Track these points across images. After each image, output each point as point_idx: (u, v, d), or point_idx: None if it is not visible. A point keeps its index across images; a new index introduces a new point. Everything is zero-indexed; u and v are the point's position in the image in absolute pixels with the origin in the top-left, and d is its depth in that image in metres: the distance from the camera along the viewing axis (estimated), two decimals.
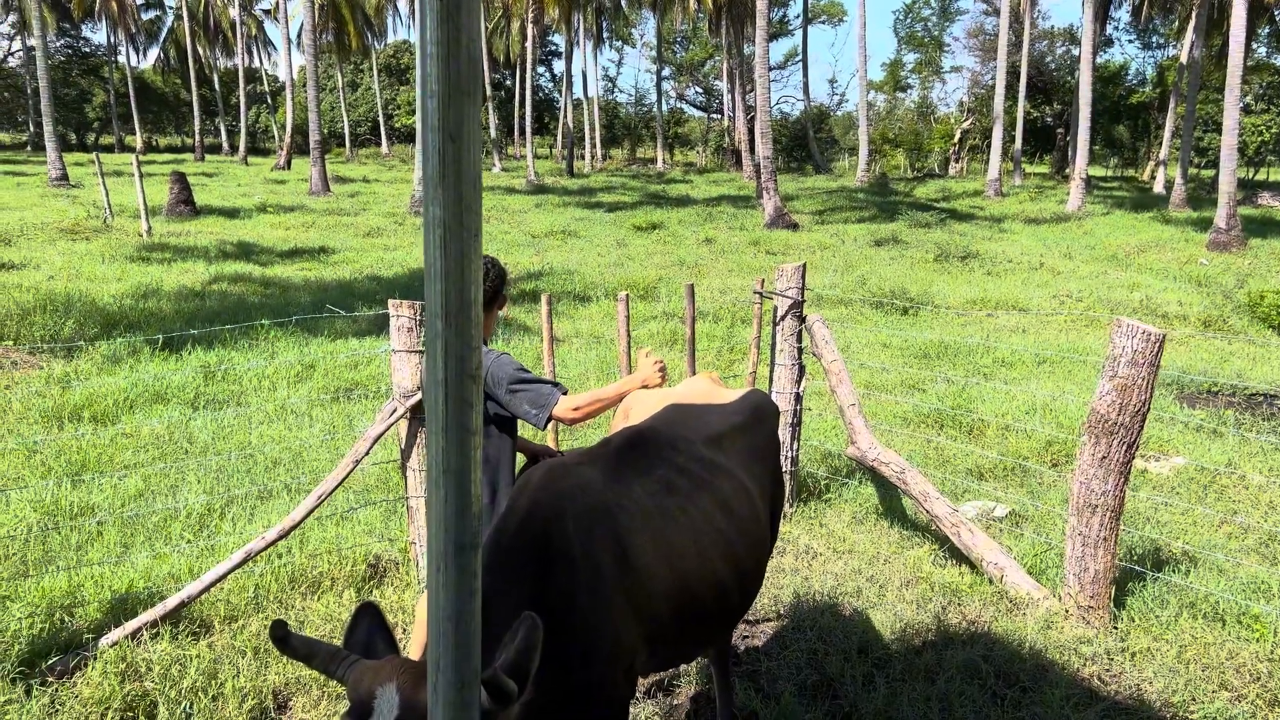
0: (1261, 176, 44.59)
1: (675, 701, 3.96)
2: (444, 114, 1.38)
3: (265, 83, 65.99)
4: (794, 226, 22.68)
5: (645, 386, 3.47)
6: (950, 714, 3.71)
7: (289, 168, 40.40)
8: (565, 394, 3.35)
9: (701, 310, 11.74)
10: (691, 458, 2.94)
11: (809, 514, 5.85)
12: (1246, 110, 38.92)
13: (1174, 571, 4.91)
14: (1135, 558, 5.07)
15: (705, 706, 3.89)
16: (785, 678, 4.05)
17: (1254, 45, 33.10)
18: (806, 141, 49.73)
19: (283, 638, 1.92)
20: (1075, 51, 44.60)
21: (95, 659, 3.84)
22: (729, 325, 11.21)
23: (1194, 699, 3.86)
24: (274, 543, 4.36)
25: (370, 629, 2.14)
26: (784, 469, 5.85)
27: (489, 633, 2.04)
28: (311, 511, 4.47)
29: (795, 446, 5.95)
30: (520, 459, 3.81)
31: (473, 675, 1.56)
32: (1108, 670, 4.10)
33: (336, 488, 4.52)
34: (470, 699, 1.56)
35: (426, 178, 1.41)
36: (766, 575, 5.00)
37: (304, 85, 32.87)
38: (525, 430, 5.18)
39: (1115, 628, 4.40)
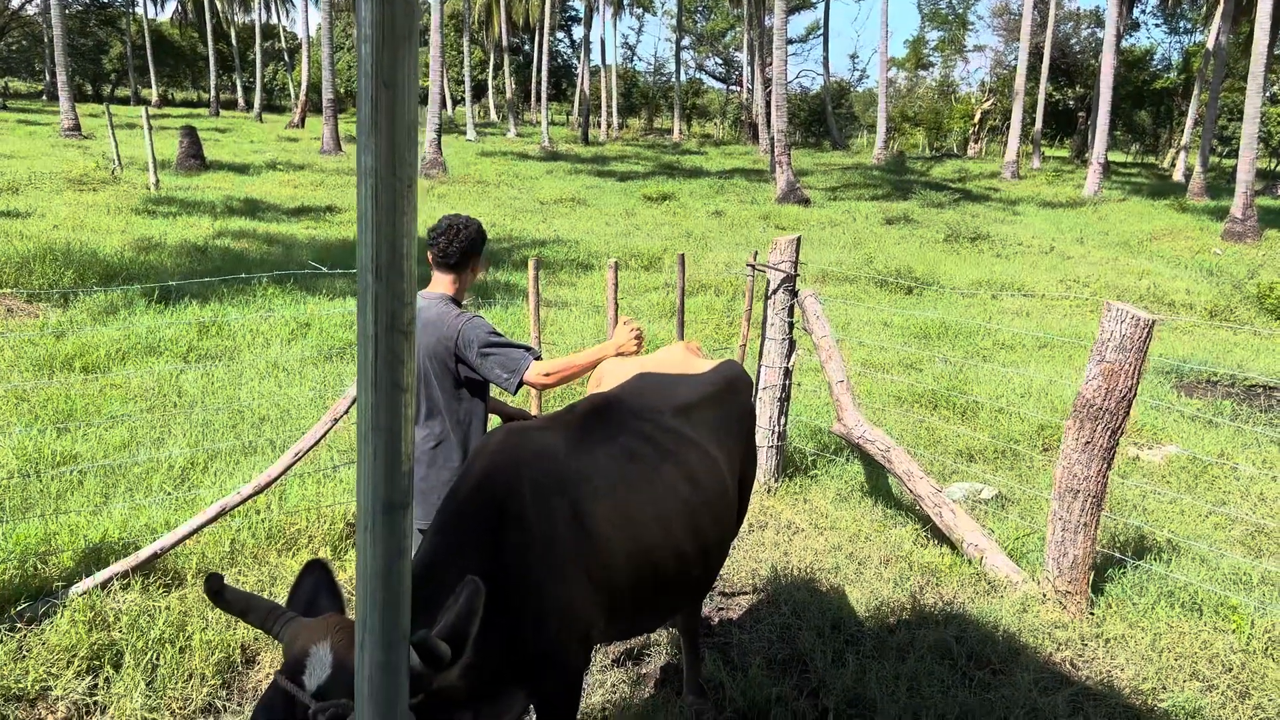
0: None
1: (644, 670, 3.96)
2: (379, 59, 1.33)
3: (283, 39, 65.58)
4: (805, 202, 22.50)
5: (620, 354, 3.42)
6: (918, 693, 3.69)
7: (303, 126, 40.24)
8: (538, 359, 3.31)
9: (704, 283, 11.67)
10: (658, 427, 2.90)
11: (794, 489, 5.82)
12: (1271, 100, 38.30)
13: (1156, 560, 4.87)
14: (1118, 544, 5.03)
15: (674, 676, 3.88)
16: (755, 651, 4.04)
17: None
18: (825, 117, 49.24)
19: (217, 590, 1.90)
20: (1100, 34, 43.90)
21: (64, 607, 3.84)
22: (729, 298, 11.15)
23: (1164, 687, 3.83)
24: (249, 498, 4.35)
25: (316, 586, 2.12)
26: (770, 444, 5.82)
27: (438, 596, 2.02)
28: (289, 468, 4.46)
29: (783, 421, 5.91)
30: (494, 421, 3.77)
31: (400, 636, 1.53)
32: (1080, 655, 4.07)
33: (314, 445, 4.51)
34: (397, 660, 1.53)
35: (360, 125, 1.36)
36: (745, 548, 5.00)
37: (321, 43, 32.63)
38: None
39: (1092, 614, 4.37)
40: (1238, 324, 11.18)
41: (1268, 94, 23.53)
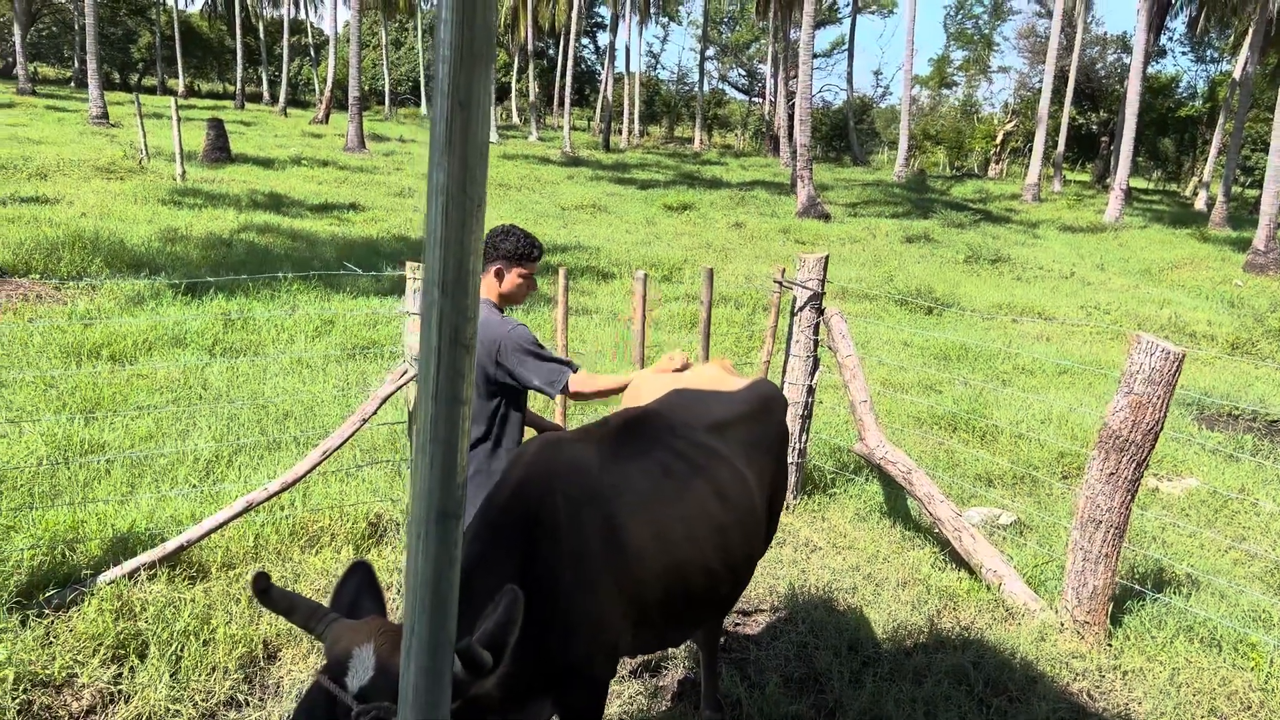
0: None
1: (661, 683, 3.97)
2: (455, 80, 1.36)
3: (310, 35, 65.98)
4: (826, 217, 22.50)
5: None
6: (934, 718, 3.70)
7: (327, 122, 40.46)
8: (576, 371, 3.38)
9: (724, 295, 11.69)
10: (690, 443, 2.92)
11: (812, 507, 5.83)
12: None
13: (1175, 593, 4.86)
14: (1137, 576, 5.02)
15: (691, 690, 3.89)
16: (772, 668, 4.05)
17: None
18: (846, 132, 49.26)
19: (264, 589, 1.92)
20: (1126, 60, 43.86)
21: (92, 595, 3.89)
22: (750, 312, 11.16)
23: None
24: (276, 494, 4.39)
25: (359, 588, 2.14)
26: (790, 460, 5.83)
27: (471, 603, 2.04)
28: (315, 466, 4.50)
29: (804, 438, 5.92)
30: (529, 432, 3.81)
31: (446, 641, 1.56)
32: (1097, 687, 4.07)
33: (342, 444, 4.55)
34: (443, 665, 1.56)
35: (433, 143, 1.39)
36: (764, 565, 5.01)
37: (348, 40, 32.85)
38: (536, 405, 5.18)
39: (1110, 645, 4.36)
40: (1259, 358, 11.13)
41: None
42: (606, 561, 2.52)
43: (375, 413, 4.57)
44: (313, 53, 64.05)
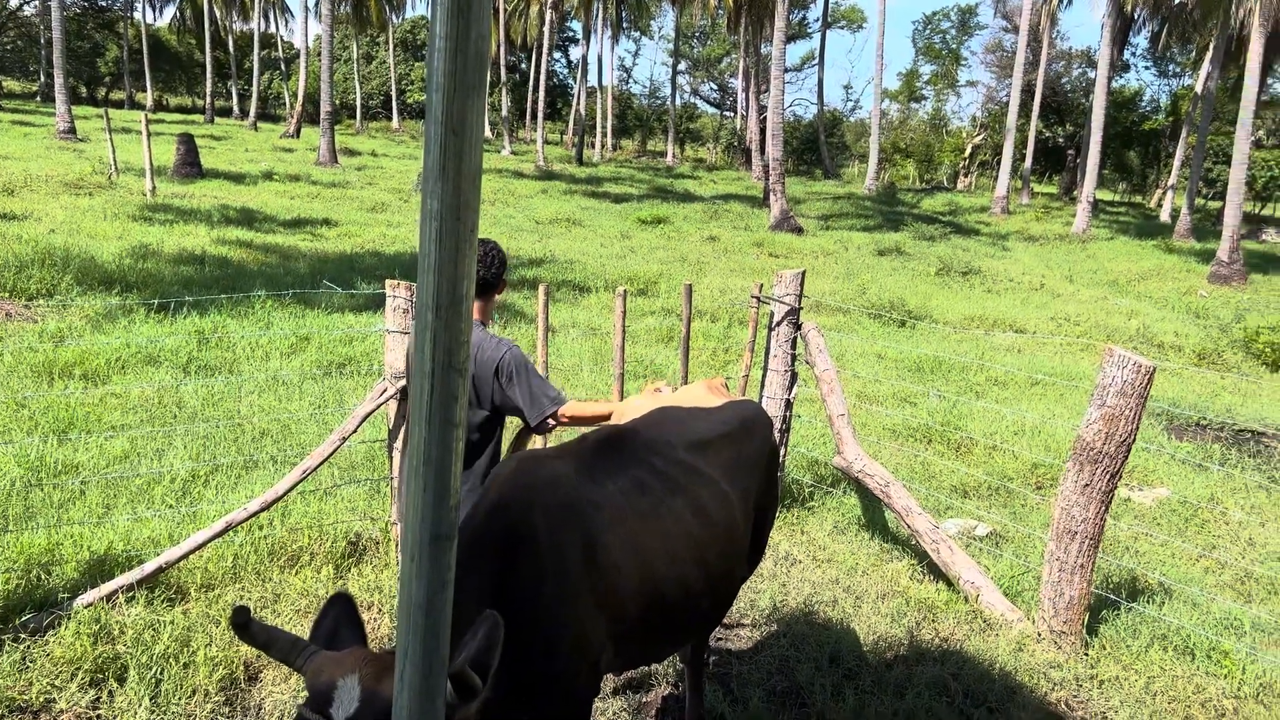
0: (1268, 212, 44.58)
1: (645, 699, 3.98)
2: (448, 107, 1.38)
3: (280, 49, 65.66)
4: (799, 230, 22.67)
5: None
6: None
7: (298, 136, 40.25)
8: (564, 405, 3.39)
9: (700, 309, 11.74)
10: (670, 461, 2.94)
11: (791, 521, 5.87)
12: (1257, 145, 38.94)
13: (1149, 602, 4.93)
14: (1111, 586, 5.09)
15: (674, 706, 3.90)
16: (755, 683, 4.07)
17: (1269, 80, 33.07)
18: (817, 145, 49.68)
19: (243, 624, 1.89)
20: (1091, 74, 44.55)
21: (69, 619, 3.84)
22: (726, 325, 11.22)
23: None
24: (255, 514, 4.37)
25: (338, 619, 2.13)
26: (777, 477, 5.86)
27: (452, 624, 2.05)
28: (295, 485, 4.48)
29: (782, 452, 5.96)
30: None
31: (440, 664, 1.57)
32: (1075, 696, 4.12)
33: (322, 463, 4.53)
34: (436, 687, 1.57)
35: (426, 170, 1.41)
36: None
37: (319, 54, 32.76)
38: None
39: (1086, 654, 4.42)
40: (1225, 368, 11.33)
41: (1254, 139, 23.94)
42: (586, 578, 2.53)
43: (355, 431, 4.56)
44: (283, 66, 63.74)
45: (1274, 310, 16.36)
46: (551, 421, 3.36)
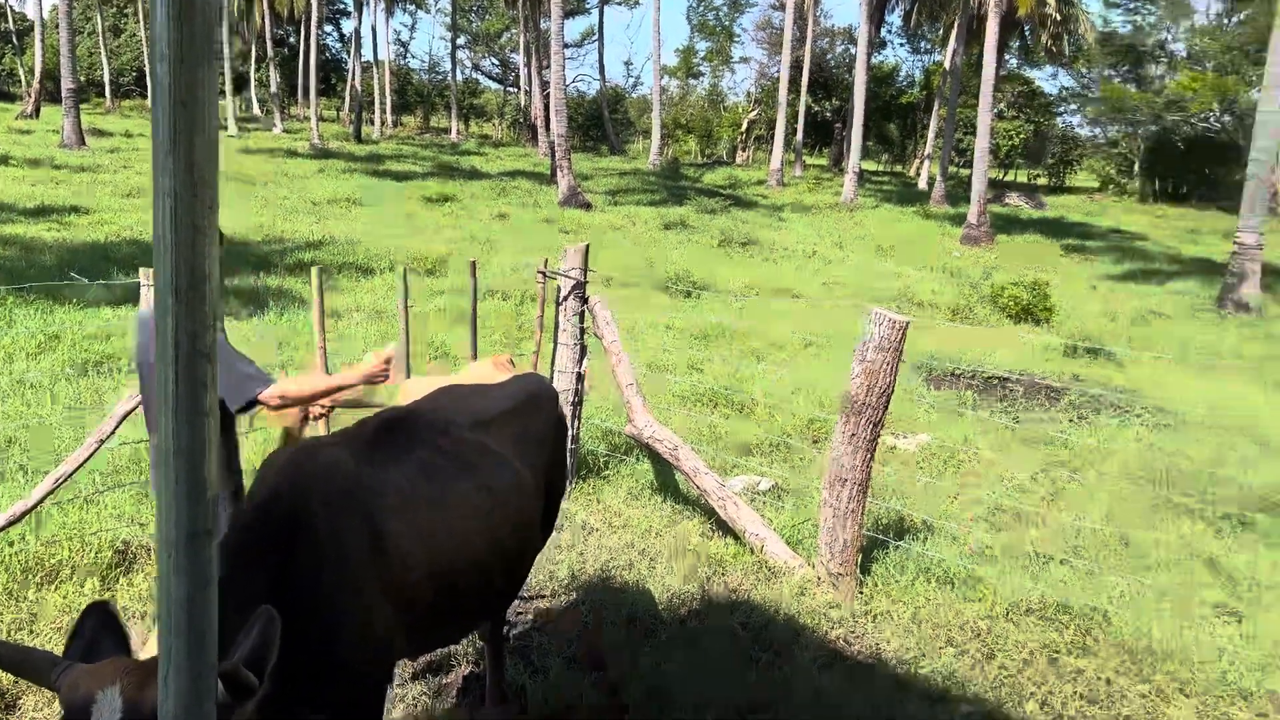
0: (1011, 178, 49.00)
1: (446, 681, 3.95)
2: (176, 78, 1.31)
3: (10, 20, 59.11)
4: (588, 206, 22.86)
5: (370, 382, 3.27)
6: (709, 678, 3.91)
7: (37, 116, 36.41)
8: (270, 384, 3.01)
9: (492, 287, 11.64)
10: (455, 440, 2.92)
11: (588, 491, 5.97)
12: (999, 116, 42.59)
13: (914, 540, 5.37)
14: (881, 527, 5.50)
15: (476, 684, 3.90)
16: (555, 652, 4.13)
17: (1007, 57, 36.24)
18: (602, 121, 50.12)
19: None
20: (854, 51, 47.25)
21: None
22: (518, 303, 11.20)
23: (924, 655, 4.25)
24: (3, 529, 3.99)
25: (96, 630, 1.99)
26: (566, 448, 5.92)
27: (225, 621, 1.96)
28: (48, 495, 4.13)
29: (576, 425, 6.04)
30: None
31: (208, 666, 1.51)
32: (852, 632, 4.45)
33: (78, 469, 4.20)
34: (204, 689, 1.50)
35: (156, 146, 1.33)
36: (542, 551, 5.07)
37: (57, 26, 29.82)
38: None
39: (861, 593, 4.77)
40: (975, 322, 12.42)
41: (995, 111, 26.27)
42: (371, 566, 2.48)
43: (114, 433, 4.24)
44: (14, 40, 57.42)
45: (1017, 268, 18.08)
46: (275, 402, 2.98)
